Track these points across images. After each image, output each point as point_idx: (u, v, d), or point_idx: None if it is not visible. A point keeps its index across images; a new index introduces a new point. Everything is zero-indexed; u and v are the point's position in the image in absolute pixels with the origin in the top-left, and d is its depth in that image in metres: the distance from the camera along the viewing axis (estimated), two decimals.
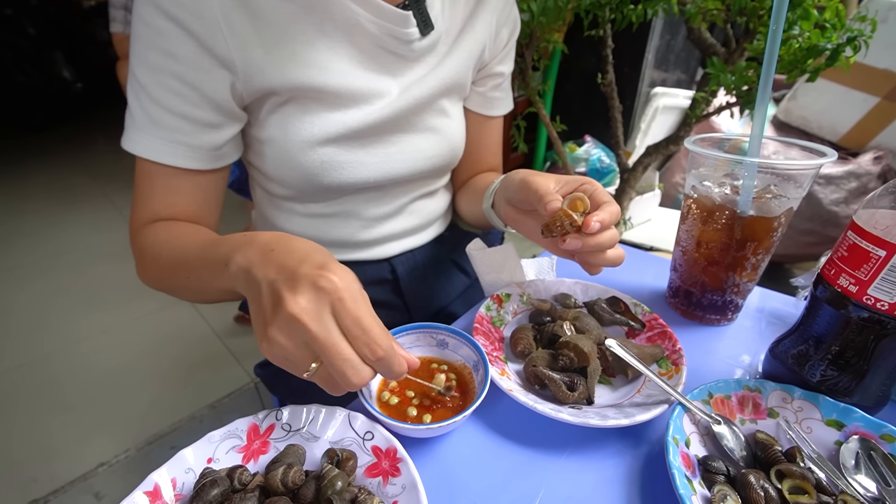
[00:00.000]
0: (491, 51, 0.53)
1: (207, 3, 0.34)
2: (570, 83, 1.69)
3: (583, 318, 0.41)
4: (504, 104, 0.59)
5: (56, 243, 1.92)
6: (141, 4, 0.35)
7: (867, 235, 0.29)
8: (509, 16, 0.53)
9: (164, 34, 0.35)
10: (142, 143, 0.39)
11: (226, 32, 0.36)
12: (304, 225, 0.51)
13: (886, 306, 0.28)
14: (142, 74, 0.36)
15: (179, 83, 0.37)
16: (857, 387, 0.32)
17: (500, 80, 0.56)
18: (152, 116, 0.38)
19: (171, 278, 0.40)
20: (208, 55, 0.36)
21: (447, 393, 0.34)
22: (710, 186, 0.43)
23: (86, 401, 1.11)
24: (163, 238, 0.40)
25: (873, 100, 1.15)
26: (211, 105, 0.39)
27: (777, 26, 0.33)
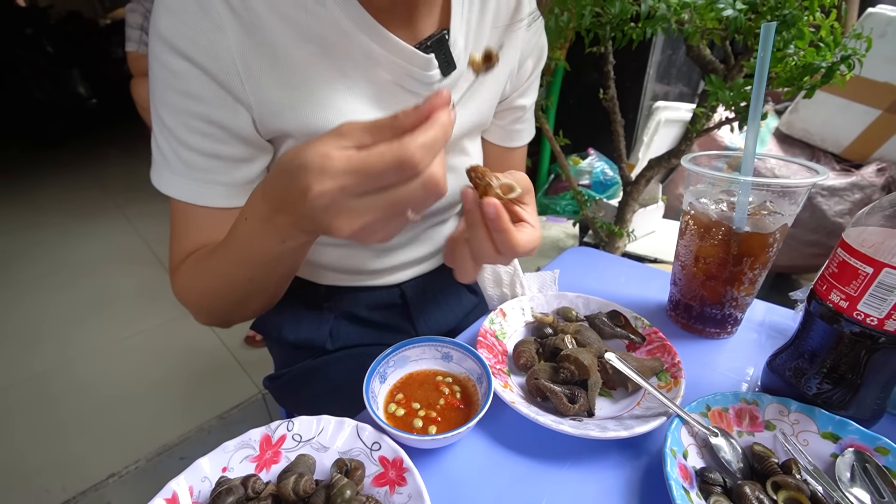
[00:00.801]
0: (513, 84, 0.52)
1: (224, 45, 0.35)
2: (573, 97, 1.71)
3: (584, 332, 0.42)
4: (526, 134, 0.58)
5: (70, 255, 1.96)
6: (156, 45, 0.35)
7: (856, 253, 0.30)
8: (536, 45, 0.52)
9: (182, 75, 0.35)
10: (177, 185, 0.39)
11: (242, 74, 0.36)
12: (318, 252, 0.51)
13: (876, 321, 0.29)
14: (167, 117, 0.37)
15: (204, 123, 0.37)
16: (852, 400, 0.33)
17: (522, 113, 0.55)
18: (183, 158, 0.38)
19: (224, 291, 0.39)
20: (227, 93, 0.37)
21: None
22: (707, 203, 0.44)
23: (97, 411, 1.13)
24: (197, 265, 0.40)
25: (875, 112, 1.16)
26: (239, 140, 0.39)
27: (765, 52, 0.34)
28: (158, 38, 0.35)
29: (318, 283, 0.55)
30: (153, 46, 0.36)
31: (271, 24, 0.36)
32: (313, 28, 0.37)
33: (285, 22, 0.37)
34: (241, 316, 0.44)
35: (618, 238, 1.13)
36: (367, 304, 0.56)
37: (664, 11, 0.70)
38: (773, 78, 0.69)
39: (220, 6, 0.34)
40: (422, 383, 0.39)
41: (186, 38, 0.34)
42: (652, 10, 0.73)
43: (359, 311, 0.56)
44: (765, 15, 0.62)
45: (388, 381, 0.39)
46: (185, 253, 0.42)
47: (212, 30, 0.34)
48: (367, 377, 0.36)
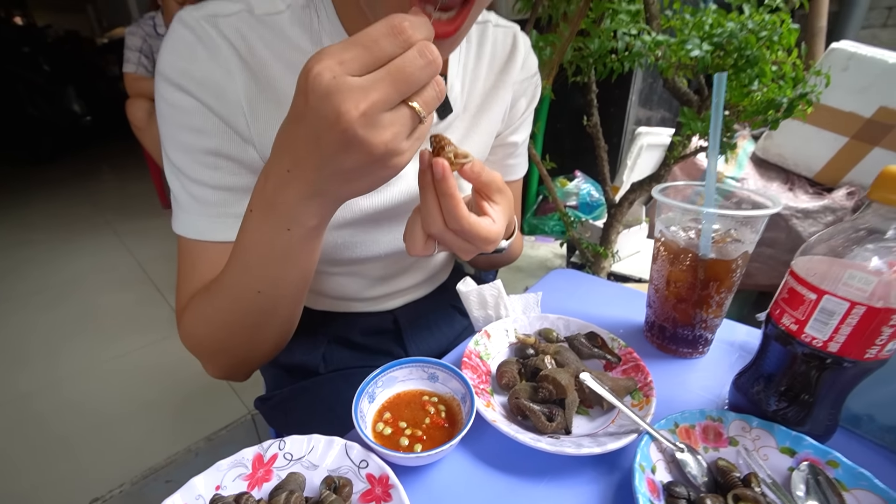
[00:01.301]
0: (506, 122, 0.54)
1: (231, 88, 0.37)
2: (560, 121, 1.78)
3: (563, 353, 0.45)
4: (520, 168, 0.60)
5: (59, 272, 1.95)
6: (162, 85, 0.37)
7: (802, 281, 0.33)
8: (529, 86, 0.54)
9: (189, 112, 0.37)
10: (188, 224, 0.40)
11: (248, 117, 0.38)
12: (317, 280, 0.52)
13: (821, 343, 0.32)
14: (176, 157, 0.38)
15: (213, 157, 0.38)
16: (807, 416, 0.36)
17: (514, 148, 0.58)
18: (194, 195, 0.39)
19: (232, 316, 0.37)
20: (233, 131, 0.38)
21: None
22: (676, 231, 0.47)
23: (84, 433, 1.11)
24: (201, 296, 0.39)
25: (843, 139, 1.22)
26: (248, 170, 0.40)
27: (718, 98, 0.38)
28: (164, 78, 0.37)
29: (313, 309, 0.57)
30: (159, 87, 0.37)
31: (275, 69, 0.39)
32: None
33: (287, 67, 0.39)
34: (257, 352, 0.42)
35: (603, 258, 1.17)
36: (360, 330, 0.58)
37: (640, 48, 0.75)
38: (741, 111, 0.73)
39: (229, 51, 0.37)
40: (409, 403, 0.41)
41: (193, 78, 0.36)
42: (629, 47, 0.78)
43: (352, 336, 0.57)
44: (731, 54, 0.67)
45: (376, 400, 0.41)
46: (192, 293, 0.41)
47: (220, 73, 0.37)
48: (357, 397, 0.38)
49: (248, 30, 0.38)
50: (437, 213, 0.33)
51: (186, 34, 0.36)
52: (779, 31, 0.59)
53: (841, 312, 0.31)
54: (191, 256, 0.41)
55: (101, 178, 3.57)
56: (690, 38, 0.64)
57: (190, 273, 0.41)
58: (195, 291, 0.40)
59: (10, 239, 2.29)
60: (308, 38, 0.40)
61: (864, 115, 1.17)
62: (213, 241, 0.40)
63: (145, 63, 2.18)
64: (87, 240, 2.29)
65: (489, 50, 0.50)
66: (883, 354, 0.31)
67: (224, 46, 0.37)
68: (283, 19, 0.39)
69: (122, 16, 5.38)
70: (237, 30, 0.37)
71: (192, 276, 0.41)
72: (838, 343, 0.31)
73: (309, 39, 0.40)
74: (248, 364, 0.44)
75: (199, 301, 0.39)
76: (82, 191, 3.13)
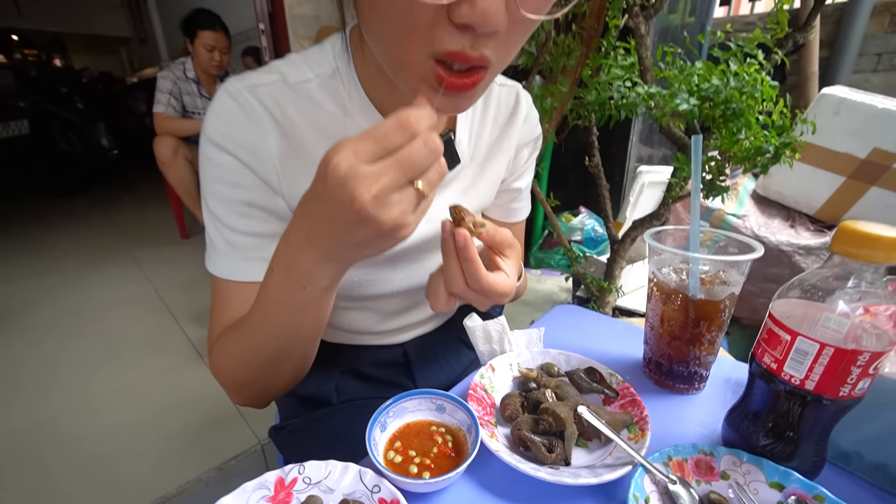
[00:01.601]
0: (510, 169, 0.59)
1: (265, 148, 0.42)
2: (564, 159, 1.85)
3: (564, 387, 0.47)
4: (523, 212, 0.65)
5: (79, 300, 2.02)
6: (206, 146, 0.42)
7: (778, 323, 0.36)
8: (531, 136, 0.59)
9: (229, 168, 0.42)
10: (222, 265, 0.45)
11: (280, 172, 0.43)
12: (331, 314, 0.56)
13: (798, 381, 0.35)
14: (215, 206, 0.43)
15: (247, 207, 0.43)
16: (795, 452, 0.38)
17: (518, 193, 0.63)
18: (229, 240, 0.44)
19: (254, 354, 0.42)
20: (266, 185, 0.44)
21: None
22: (668, 272, 0.51)
23: (98, 461, 1.13)
24: (228, 334, 0.43)
25: (840, 179, 1.26)
26: (278, 218, 0.45)
27: (696, 158, 0.43)
28: (209, 140, 0.42)
29: (327, 342, 0.60)
30: (204, 147, 0.42)
31: (304, 129, 0.44)
32: (339, 132, 0.45)
33: (315, 127, 0.45)
34: (275, 385, 0.46)
35: (608, 293, 1.19)
36: (371, 362, 0.61)
37: (634, 98, 0.81)
38: (732, 156, 0.78)
39: (265, 117, 0.42)
40: (418, 433, 0.44)
41: (233, 141, 0.42)
42: (624, 97, 0.84)
43: (364, 368, 0.61)
44: (718, 106, 0.72)
45: (387, 429, 0.43)
46: (223, 328, 0.45)
47: (257, 136, 0.42)
48: (370, 426, 0.41)
49: (282, 97, 0.43)
50: (459, 275, 0.37)
51: (230, 102, 0.42)
52: (759, 89, 0.65)
53: (813, 353, 0.34)
54: (224, 295, 0.45)
55: (122, 208, 3.72)
56: (679, 93, 0.69)
57: (222, 309, 0.46)
58: (226, 327, 0.45)
59: (36, 268, 2.39)
60: (333, 102, 0.45)
61: (858, 155, 1.21)
62: (244, 282, 0.45)
63: (174, 104, 2.33)
64: (108, 269, 2.38)
65: (494, 107, 0.56)
66: (855, 393, 0.34)
67: (261, 112, 0.42)
68: (311, 86, 0.45)
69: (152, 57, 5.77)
70: (273, 97, 0.43)
71: (223, 312, 0.45)
72: (814, 381, 0.34)
73: (334, 103, 0.46)
74: (267, 395, 0.48)
75: (225, 340, 0.44)
76: (105, 221, 3.27)
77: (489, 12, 0.28)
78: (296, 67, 0.45)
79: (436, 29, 0.30)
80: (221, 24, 2.27)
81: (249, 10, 2.54)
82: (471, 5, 0.28)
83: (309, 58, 0.46)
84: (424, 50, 0.31)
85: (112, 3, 6.60)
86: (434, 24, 0.30)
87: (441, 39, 0.30)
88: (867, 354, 0.32)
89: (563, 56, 0.94)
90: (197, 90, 2.39)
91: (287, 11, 2.35)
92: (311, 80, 0.45)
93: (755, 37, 0.82)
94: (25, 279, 2.25)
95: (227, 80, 0.44)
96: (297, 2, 2.42)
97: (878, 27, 1.69)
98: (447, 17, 0.30)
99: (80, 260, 2.49)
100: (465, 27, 0.29)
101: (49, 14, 6.10)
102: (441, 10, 0.29)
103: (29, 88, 3.89)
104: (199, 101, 2.42)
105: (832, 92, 1.22)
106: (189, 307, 1.94)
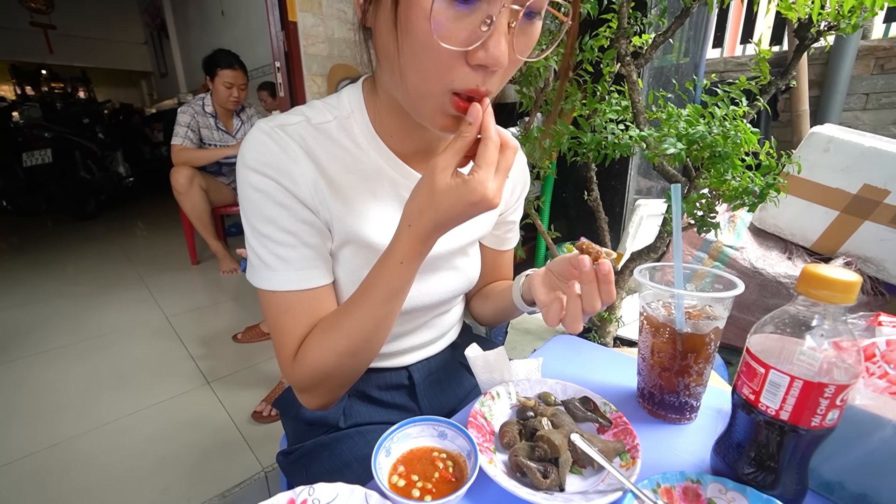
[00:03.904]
0: (506, 205, 0.69)
1: (299, 172, 0.49)
2: (566, 190, 1.90)
3: (559, 415, 0.50)
4: (513, 240, 0.74)
5: (91, 325, 2.06)
6: (248, 174, 0.48)
7: (754, 356, 0.39)
8: (521, 177, 0.69)
9: (273, 193, 0.48)
10: (278, 280, 0.50)
11: (313, 194, 0.50)
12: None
13: (774, 412, 0.38)
14: (263, 227, 0.49)
15: (294, 223, 0.49)
16: (777, 480, 0.40)
17: (512, 226, 0.71)
18: (280, 255, 0.49)
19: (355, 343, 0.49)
20: (303, 205, 0.50)
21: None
22: (657, 307, 0.54)
23: (101, 488, 1.14)
24: (326, 331, 0.50)
25: (834, 213, 1.30)
26: (319, 231, 0.52)
27: (676, 206, 0.47)
28: (249, 168, 0.48)
29: None
30: (246, 175, 0.49)
31: (326, 161, 0.51)
32: (355, 165, 0.53)
33: (336, 160, 0.52)
34: (356, 372, 0.53)
35: (608, 323, 1.21)
36: (377, 385, 0.64)
37: (627, 140, 0.87)
38: (721, 195, 0.83)
39: (295, 147, 0.49)
40: (421, 458, 0.46)
41: (271, 166, 0.48)
42: (618, 139, 0.90)
43: (370, 391, 0.64)
44: (704, 149, 0.77)
45: (392, 455, 0.46)
46: (300, 337, 0.51)
47: (289, 161, 0.49)
48: (375, 451, 0.43)
49: (307, 133, 0.51)
50: (597, 296, 0.46)
51: (263, 137, 0.49)
52: (739, 136, 0.70)
53: (785, 385, 0.36)
54: (289, 308, 0.51)
55: (135, 233, 3.81)
56: (668, 137, 0.74)
57: (292, 322, 0.51)
58: (303, 334, 0.51)
59: (48, 292, 2.44)
60: (349, 138, 0.54)
61: (850, 191, 1.25)
62: (303, 290, 0.50)
63: (191, 136, 2.45)
64: (120, 293, 2.43)
65: None
66: (826, 423, 0.36)
67: (291, 143, 0.49)
68: (331, 126, 0.53)
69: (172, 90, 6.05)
70: (299, 133, 0.51)
71: (294, 323, 0.51)
72: (787, 412, 0.37)
73: (350, 140, 0.54)
74: (344, 385, 0.55)
75: (321, 335, 0.50)
76: (118, 246, 3.35)
77: (499, 56, 0.38)
78: (317, 111, 0.53)
79: (455, 70, 0.39)
80: (240, 62, 2.41)
81: (266, 48, 2.70)
82: (485, 51, 0.37)
83: (328, 104, 0.54)
84: (444, 86, 0.40)
85: (137, 41, 6.97)
86: (453, 65, 0.39)
87: (460, 78, 0.39)
88: (833, 387, 0.35)
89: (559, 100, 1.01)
90: (214, 123, 2.51)
91: (302, 51, 2.49)
92: (331, 122, 0.53)
93: (741, 83, 0.88)
94: (38, 303, 2.30)
95: (256, 121, 0.51)
96: (312, 42, 2.57)
97: (864, 69, 1.77)
98: (464, 59, 0.39)
99: (93, 285, 2.54)
100: (480, 67, 0.39)
101: (77, 51, 6.46)
102: (460, 53, 0.38)
103: (54, 119, 4.08)
104: (216, 134, 2.54)
105: (821, 130, 1.27)
106: (197, 332, 1.97)
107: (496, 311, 0.69)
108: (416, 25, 0.37)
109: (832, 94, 1.77)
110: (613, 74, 1.04)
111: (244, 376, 1.63)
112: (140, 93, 8.00)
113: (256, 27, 3.41)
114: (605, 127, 0.90)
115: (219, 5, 4.05)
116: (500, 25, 0.37)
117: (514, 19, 0.38)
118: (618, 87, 1.03)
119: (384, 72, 0.47)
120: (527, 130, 1.01)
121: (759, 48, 0.84)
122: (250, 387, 1.55)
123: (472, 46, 0.37)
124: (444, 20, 0.37)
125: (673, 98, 0.94)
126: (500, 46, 0.37)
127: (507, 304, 0.64)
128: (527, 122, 1.25)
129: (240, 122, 2.60)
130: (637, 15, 0.95)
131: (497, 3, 0.36)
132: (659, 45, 0.99)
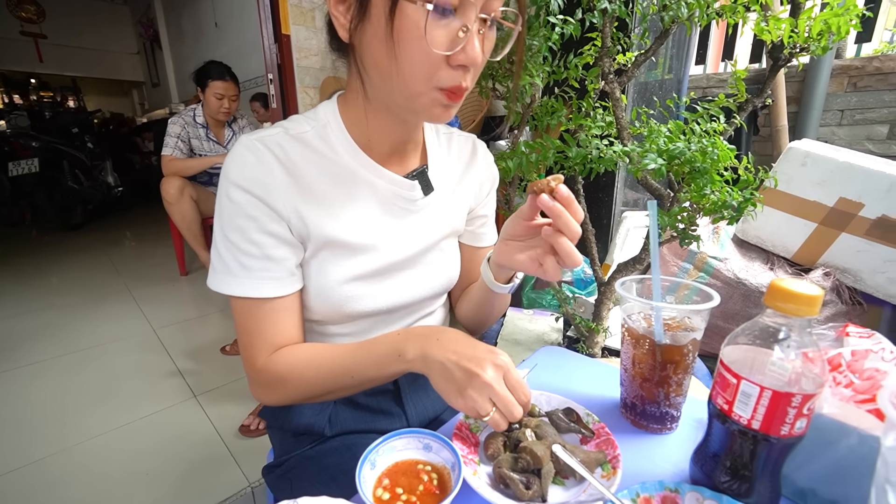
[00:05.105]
0: (476, 199, 0.72)
1: (273, 182, 0.52)
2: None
3: (543, 426, 0.51)
4: (490, 237, 0.76)
5: (77, 337, 2.02)
6: (229, 187, 0.51)
7: (726, 367, 0.41)
8: (488, 173, 0.73)
9: (245, 205, 0.51)
10: (237, 285, 0.53)
11: (285, 201, 0.53)
12: (327, 343, 0.62)
13: (746, 421, 0.39)
14: (232, 235, 0.52)
15: (260, 235, 0.52)
16: (751, 489, 0.41)
17: (485, 220, 0.75)
18: (244, 264, 0.52)
19: (325, 385, 0.54)
20: (275, 213, 0.52)
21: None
22: (638, 319, 0.55)
23: (87, 502, 1.11)
24: (301, 358, 0.54)
25: (812, 225, 1.34)
26: (284, 243, 0.54)
27: (653, 224, 0.48)
28: (231, 182, 0.51)
29: None
30: (225, 187, 0.52)
31: (304, 167, 0.54)
32: (331, 169, 0.56)
33: (313, 165, 0.55)
34: (315, 401, 0.58)
35: (596, 333, 1.23)
36: (363, 391, 0.64)
37: (611, 155, 0.89)
38: (701, 208, 0.85)
39: (269, 156, 0.52)
40: (405, 471, 0.47)
41: (248, 178, 0.51)
42: (602, 154, 0.92)
43: (356, 397, 0.64)
44: (684, 164, 0.80)
45: (377, 467, 0.46)
46: (268, 344, 0.55)
47: (264, 172, 0.52)
48: (360, 463, 0.44)
49: (284, 142, 0.54)
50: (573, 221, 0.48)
51: (244, 150, 0.53)
52: (716, 152, 0.72)
53: (755, 395, 0.38)
54: (253, 316, 0.54)
55: (122, 243, 3.77)
56: (649, 153, 0.77)
57: (258, 329, 0.54)
58: (271, 347, 0.55)
59: (38, 303, 2.40)
60: (326, 146, 0.57)
61: (827, 203, 1.30)
62: (261, 298, 0.53)
63: (181, 147, 2.45)
64: (107, 305, 2.40)
65: (456, 150, 0.70)
66: (795, 431, 0.38)
67: (267, 154, 0.53)
68: (308, 136, 0.57)
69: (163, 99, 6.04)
70: (277, 143, 0.54)
71: (262, 331, 0.54)
72: (758, 421, 0.38)
73: (327, 146, 0.57)
74: (300, 402, 0.59)
75: (305, 366, 0.55)
76: (105, 256, 3.31)
77: (475, 56, 0.46)
78: (296, 123, 0.57)
79: (440, 70, 0.46)
80: (231, 74, 2.43)
81: (259, 59, 2.72)
82: (465, 53, 0.45)
83: (307, 117, 0.59)
84: (433, 84, 0.47)
85: (129, 51, 6.97)
86: (439, 66, 0.46)
87: (445, 77, 0.47)
88: (799, 396, 0.36)
89: (546, 115, 1.04)
90: (205, 134, 2.52)
91: (295, 63, 2.52)
92: (308, 132, 0.57)
93: (719, 101, 0.91)
94: (24, 315, 2.26)
95: (243, 135, 0.54)
96: (305, 55, 2.60)
97: (838, 87, 1.84)
98: (447, 61, 0.46)
99: (80, 296, 2.51)
100: (459, 66, 0.46)
101: (68, 60, 6.43)
102: (444, 56, 0.45)
103: (42, 128, 4.04)
104: (206, 144, 2.54)
105: (798, 146, 1.31)
106: (184, 345, 1.95)
107: (478, 306, 0.69)
108: (410, 35, 0.44)
109: (809, 111, 1.83)
110: (598, 91, 1.07)
111: (232, 389, 1.62)
112: (131, 102, 7.97)
113: (250, 39, 3.44)
114: (590, 142, 0.92)
115: (213, 17, 4.08)
116: (474, 32, 0.45)
117: (482, 27, 0.46)
118: (603, 104, 1.06)
119: (372, 79, 0.51)
120: (514, 144, 1.03)
121: (735, 69, 0.88)
122: (238, 400, 1.54)
123: (454, 50, 0.45)
124: (432, 30, 0.44)
125: (655, 114, 0.97)
126: (475, 49, 0.45)
127: (483, 292, 0.65)
128: (514, 135, 1.27)
129: (231, 133, 2.60)
130: (619, 36, 0.98)
131: (470, 14, 0.44)
132: (641, 63, 1.02)
